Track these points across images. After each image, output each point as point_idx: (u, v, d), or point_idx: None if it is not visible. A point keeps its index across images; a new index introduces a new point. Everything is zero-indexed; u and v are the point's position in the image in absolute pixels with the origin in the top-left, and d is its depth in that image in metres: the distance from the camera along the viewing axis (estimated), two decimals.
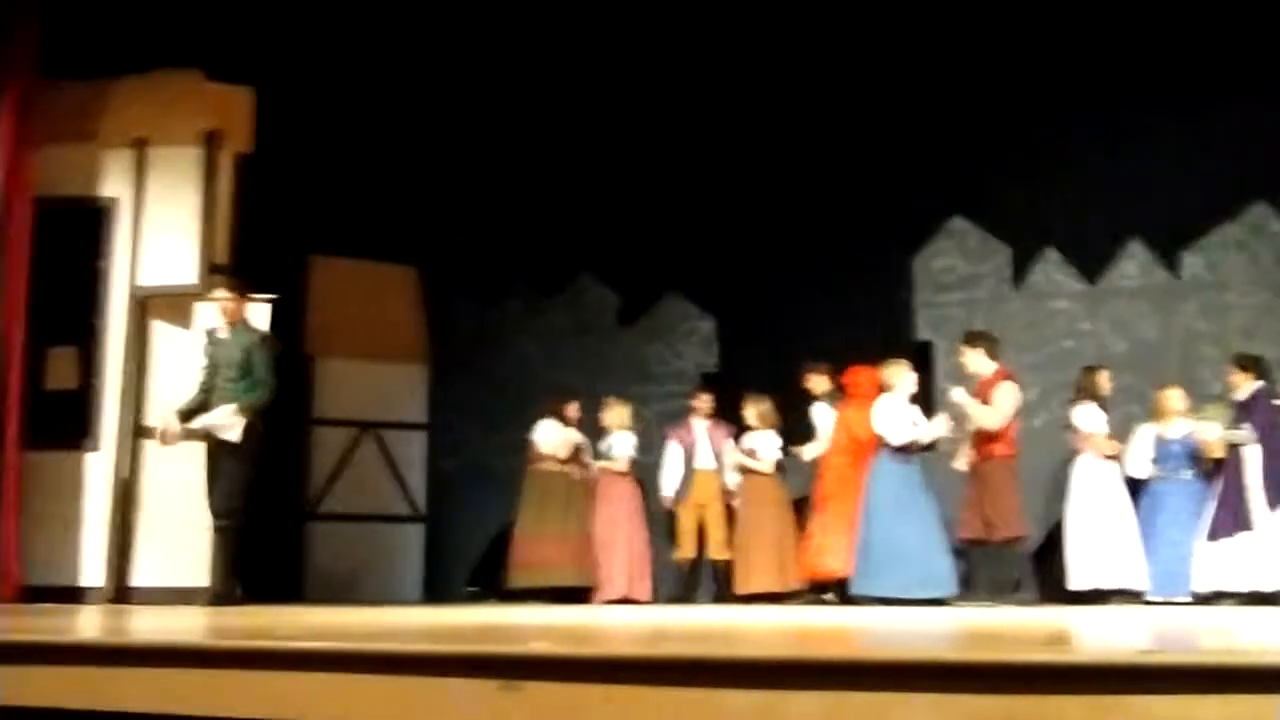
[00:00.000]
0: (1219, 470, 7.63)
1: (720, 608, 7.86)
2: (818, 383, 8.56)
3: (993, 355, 7.85)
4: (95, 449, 7.75)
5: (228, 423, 6.71)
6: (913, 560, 7.47)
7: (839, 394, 8.44)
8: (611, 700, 2.24)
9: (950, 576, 7.58)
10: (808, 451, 8.51)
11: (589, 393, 9.25)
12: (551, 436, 8.96)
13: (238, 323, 6.98)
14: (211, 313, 7.22)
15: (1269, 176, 8.56)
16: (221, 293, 7.02)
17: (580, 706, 2.27)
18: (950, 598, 7.52)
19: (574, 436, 9.01)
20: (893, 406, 7.77)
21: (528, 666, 2.34)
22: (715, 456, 8.92)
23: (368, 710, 2.45)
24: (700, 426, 9.01)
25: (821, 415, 8.46)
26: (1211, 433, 7.71)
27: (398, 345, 10.08)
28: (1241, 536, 7.34)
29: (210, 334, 7.04)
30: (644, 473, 9.17)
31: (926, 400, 8.47)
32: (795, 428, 8.69)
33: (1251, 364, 7.72)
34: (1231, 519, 7.38)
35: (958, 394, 7.76)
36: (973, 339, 7.95)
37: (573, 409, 9.04)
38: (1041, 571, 8.03)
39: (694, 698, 2.20)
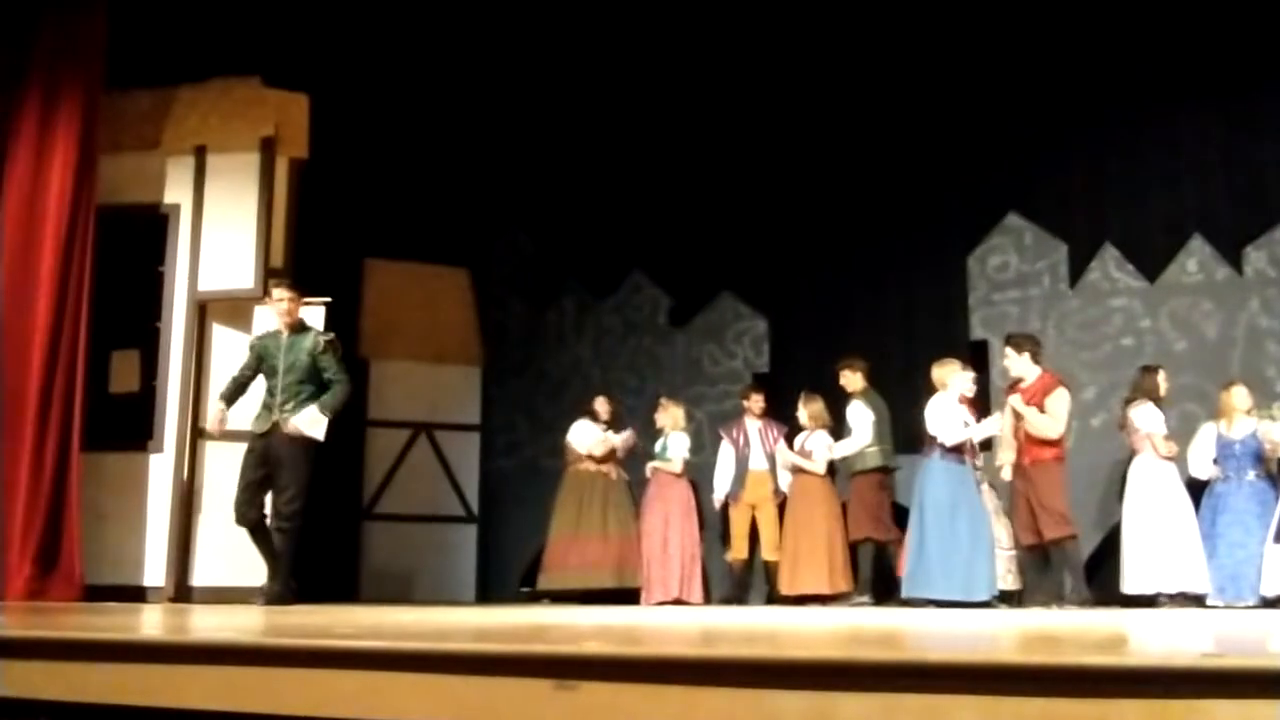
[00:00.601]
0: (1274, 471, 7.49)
1: (772, 609, 7.83)
2: (852, 379, 8.51)
3: (1036, 358, 7.74)
4: (158, 450, 7.88)
5: (314, 421, 6.77)
6: (964, 563, 7.39)
7: (873, 389, 8.37)
8: (663, 701, 2.24)
9: (995, 579, 7.51)
10: (838, 449, 8.45)
11: (641, 393, 9.27)
12: (585, 436, 8.99)
13: (296, 324, 7.00)
14: (269, 315, 7.30)
15: None
16: (281, 293, 7.02)
17: (633, 707, 2.27)
18: (1000, 601, 7.46)
19: (612, 438, 9.02)
20: (944, 406, 7.69)
21: (581, 666, 2.34)
22: (768, 457, 8.89)
23: (421, 709, 2.47)
24: (753, 426, 8.98)
25: (856, 412, 8.40)
26: (1277, 432, 7.54)
27: (452, 347, 10.15)
28: None
29: (269, 335, 7.05)
30: (695, 473, 9.17)
31: (984, 399, 8.40)
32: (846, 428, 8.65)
33: None
34: None
35: (1015, 400, 7.66)
36: (1015, 341, 7.85)
37: (602, 406, 9.07)
38: (1098, 574, 7.93)
39: (745, 699, 2.19)
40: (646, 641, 2.98)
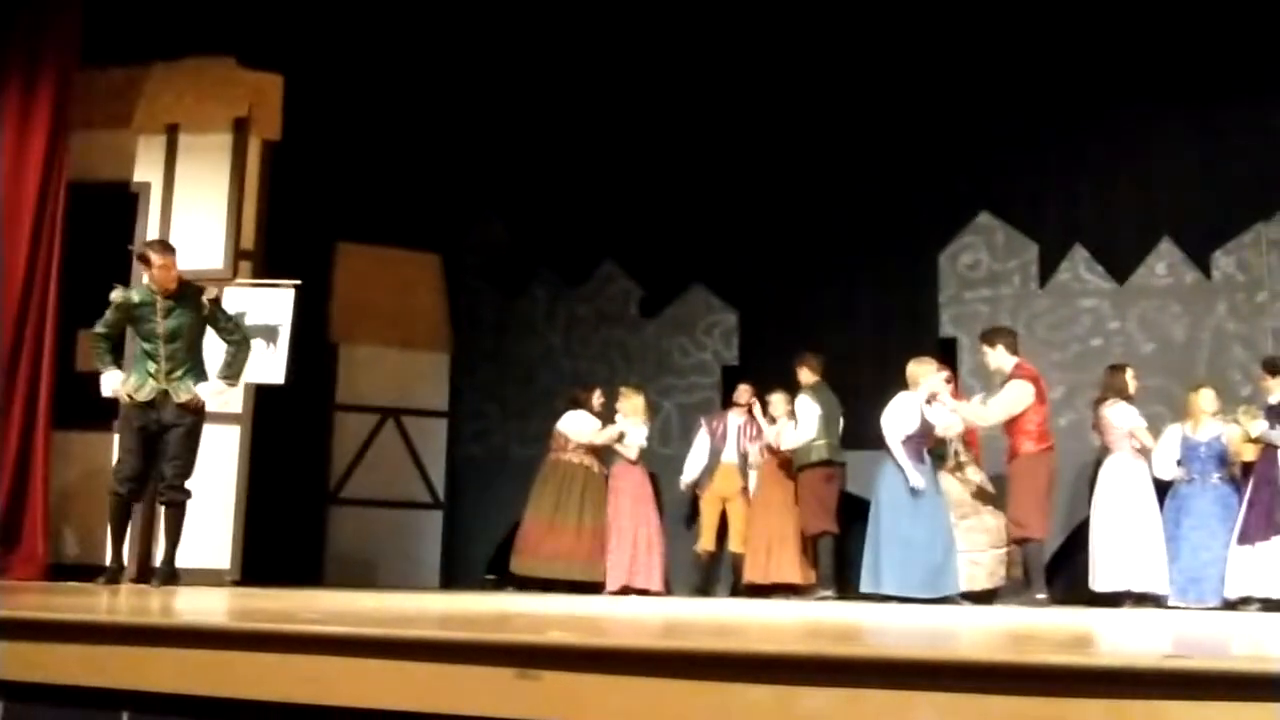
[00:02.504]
0: (1248, 473, 7.55)
1: (736, 601, 7.85)
2: (803, 373, 8.54)
3: (1012, 350, 7.75)
4: None
5: (220, 393, 6.56)
6: (920, 559, 7.42)
7: (825, 384, 8.42)
8: (625, 692, 2.24)
9: (957, 575, 7.54)
10: (785, 442, 8.47)
11: (610, 383, 9.28)
12: (583, 426, 8.97)
13: (175, 288, 6.52)
14: (237, 294, 7.22)
15: None
16: (158, 255, 6.46)
17: (595, 697, 2.27)
18: (959, 596, 7.51)
19: (615, 428, 9.00)
20: (903, 404, 7.66)
21: (545, 655, 2.34)
22: (743, 451, 8.92)
23: (383, 695, 2.46)
24: (734, 421, 9.01)
25: (803, 406, 8.42)
26: (1251, 430, 7.56)
27: (422, 333, 10.12)
28: (1273, 541, 7.26)
29: (140, 295, 6.55)
30: (661, 464, 9.19)
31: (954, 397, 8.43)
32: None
33: (1271, 367, 7.64)
34: (1263, 522, 7.30)
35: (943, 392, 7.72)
36: (990, 335, 7.88)
37: (596, 398, 9.07)
38: (1065, 572, 7.99)
39: (707, 691, 2.19)
40: (610, 632, 2.98)
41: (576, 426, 8.99)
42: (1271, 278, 8.62)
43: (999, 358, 7.71)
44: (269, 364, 7.49)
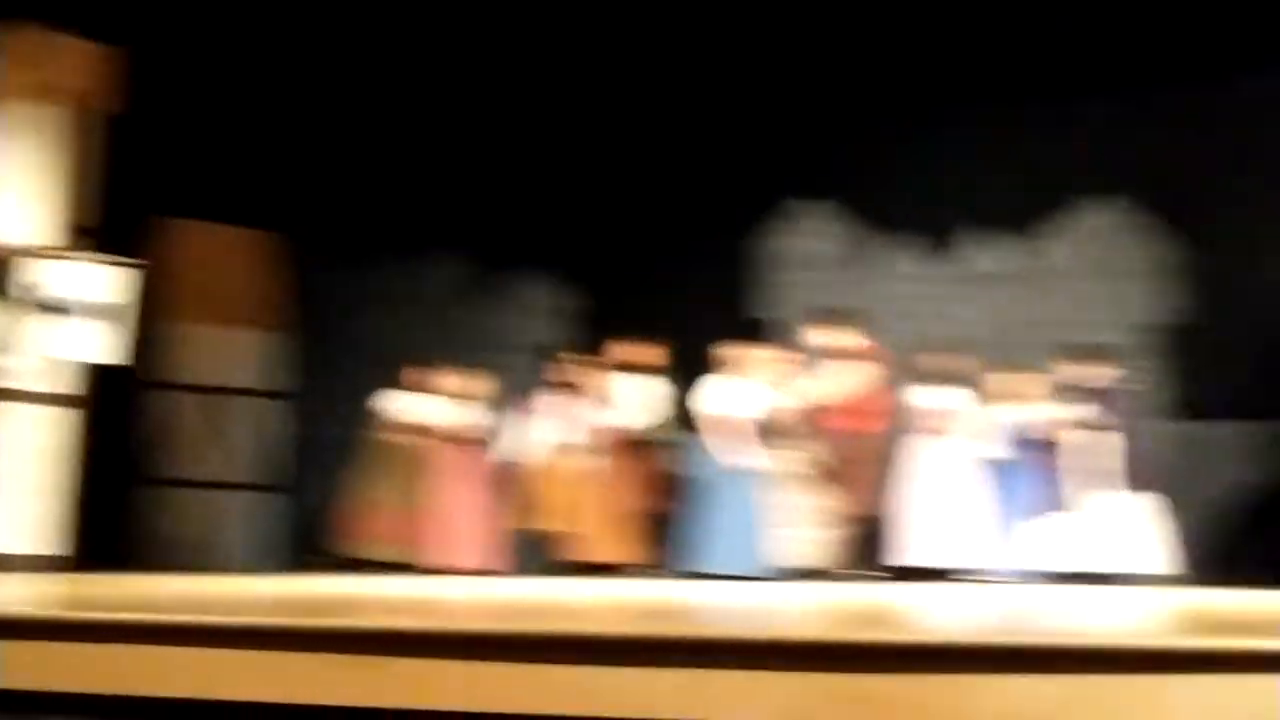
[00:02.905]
0: (1050, 453, 7.89)
1: (561, 580, 7.86)
2: (633, 354, 8.61)
3: (853, 332, 7.92)
4: None
5: None
6: (738, 537, 7.57)
7: (653, 366, 8.52)
8: (445, 675, 2.22)
9: (772, 554, 7.71)
10: (618, 419, 8.53)
11: (440, 362, 9.17)
12: (413, 406, 8.84)
13: None
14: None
15: (1121, 166, 8.88)
16: None
17: (432, 681, 2.24)
18: (786, 572, 7.68)
19: (446, 409, 8.89)
20: (720, 387, 7.79)
21: (374, 640, 2.30)
22: (568, 430, 8.92)
23: (216, 684, 2.39)
24: (556, 399, 9.00)
25: (633, 386, 8.49)
26: (1045, 415, 7.93)
27: (254, 311, 9.83)
28: (1069, 517, 7.62)
29: None
30: (491, 443, 9.13)
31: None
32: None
33: (1099, 352, 8.01)
34: (1074, 500, 7.66)
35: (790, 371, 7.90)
36: (831, 316, 8.03)
37: (428, 377, 8.95)
38: (889, 548, 8.21)
39: (525, 674, 2.19)
40: (439, 614, 2.95)
41: (406, 406, 8.87)
42: (1092, 266, 9.02)
43: (840, 338, 7.88)
44: (109, 343, 7.24)
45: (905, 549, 8.01)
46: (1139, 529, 7.58)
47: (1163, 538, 7.63)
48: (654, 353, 8.63)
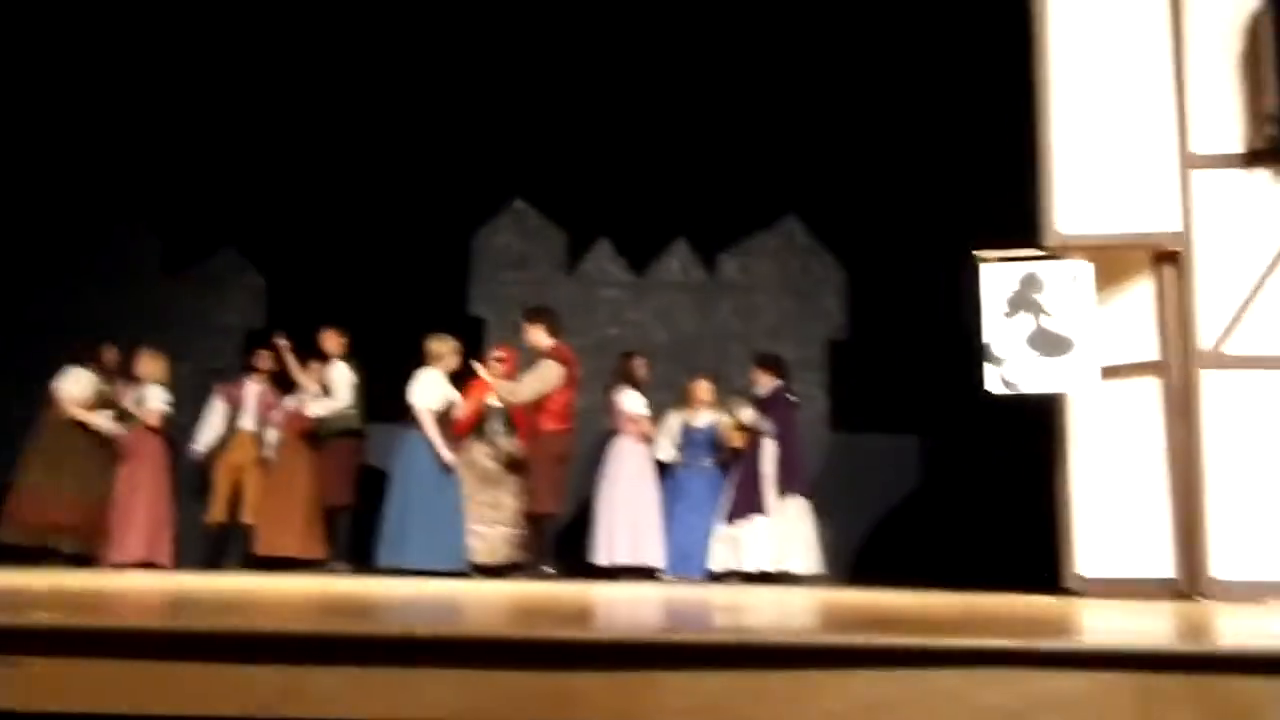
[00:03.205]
0: (737, 459, 8.27)
1: (247, 575, 7.59)
2: (332, 342, 8.46)
3: (553, 332, 8.02)
4: None
5: None
6: (444, 532, 7.57)
7: (353, 355, 8.41)
8: (121, 676, 2.10)
9: (466, 550, 7.77)
10: (315, 409, 8.36)
11: (132, 343, 8.63)
12: (81, 386, 8.24)
13: None
14: None
15: (802, 192, 9.40)
16: None
17: (88, 683, 2.11)
18: (472, 569, 7.72)
19: (130, 391, 8.35)
20: (430, 380, 7.79)
21: (28, 639, 2.14)
22: (261, 419, 8.62)
23: None
24: (254, 386, 8.66)
25: (338, 374, 8.36)
26: (742, 417, 8.28)
27: None
28: (754, 520, 8.01)
29: None
30: (176, 430, 8.68)
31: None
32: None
33: (772, 363, 8.45)
34: (746, 504, 8.04)
35: (480, 368, 7.95)
36: (533, 315, 8.11)
37: (112, 357, 8.40)
38: (573, 547, 8.38)
39: (215, 674, 2.10)
40: (106, 611, 2.78)
41: (71, 386, 8.25)
42: (768, 282, 9.53)
43: (538, 337, 7.96)
44: None
45: (592, 548, 8.19)
46: (798, 532, 8.04)
47: (818, 541, 8.13)
48: (341, 342, 8.46)
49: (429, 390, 7.76)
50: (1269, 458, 5.93)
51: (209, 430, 8.62)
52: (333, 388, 8.33)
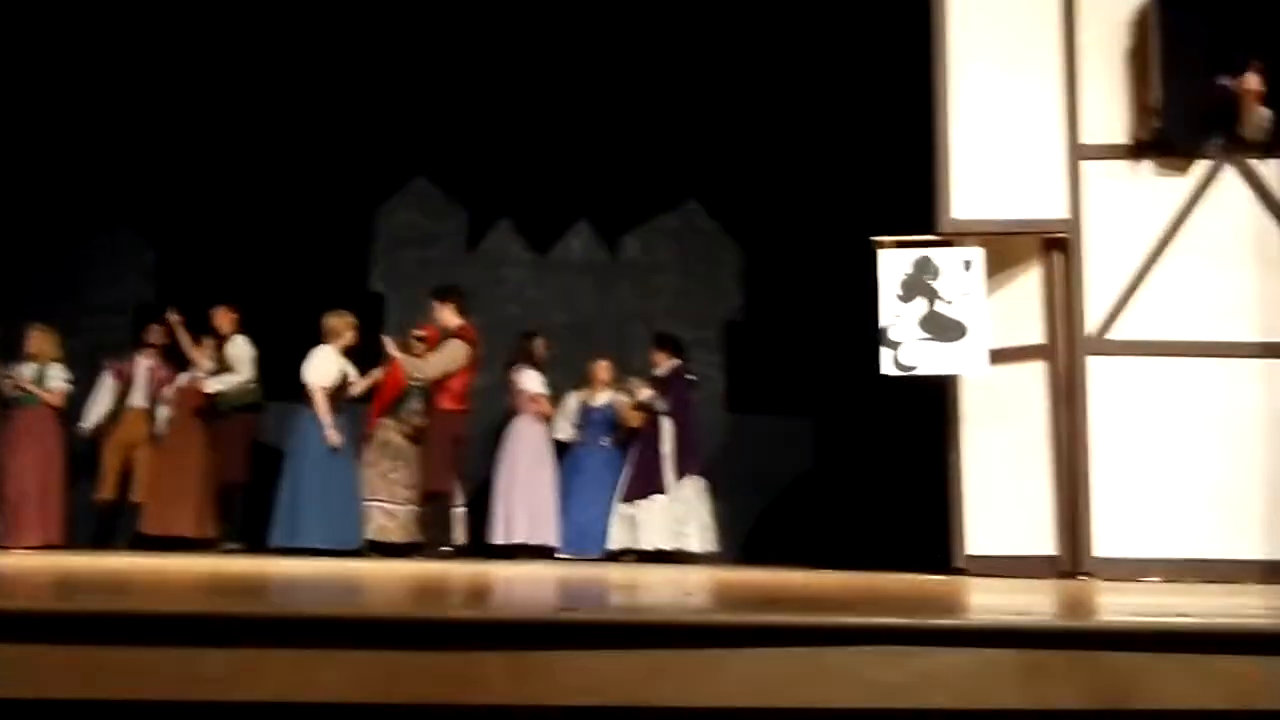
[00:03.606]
0: (635, 439, 8.31)
1: (139, 555, 7.43)
2: (225, 319, 8.31)
3: (462, 312, 7.96)
4: None
5: None
6: (339, 510, 7.50)
7: (247, 332, 8.27)
8: (12, 660, 2.05)
9: (361, 529, 7.71)
10: (215, 384, 8.19)
11: (24, 322, 8.35)
12: None
13: None
14: None
15: (704, 175, 9.44)
16: None
17: None
18: (370, 548, 7.66)
19: (24, 370, 8.08)
20: (324, 357, 7.69)
21: None
22: (153, 395, 8.42)
23: None
24: (144, 362, 8.46)
25: (237, 349, 8.21)
26: (618, 400, 8.32)
27: None
28: (652, 500, 8.06)
29: None
30: (66, 407, 8.44)
31: (377, 352, 8.56)
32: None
33: (670, 343, 8.49)
34: (645, 483, 8.09)
35: (389, 342, 7.89)
36: (442, 293, 8.03)
37: (15, 337, 8.13)
38: (471, 526, 8.35)
39: (104, 656, 2.06)
40: None
41: None
42: (668, 263, 9.56)
43: (447, 316, 7.89)
44: None
45: (490, 527, 8.17)
46: (695, 511, 8.11)
47: (714, 520, 8.22)
48: (233, 319, 8.31)
49: (323, 367, 7.66)
50: (1150, 440, 6.14)
51: (98, 407, 8.41)
52: (233, 362, 8.16)
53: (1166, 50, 6.09)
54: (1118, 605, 3.44)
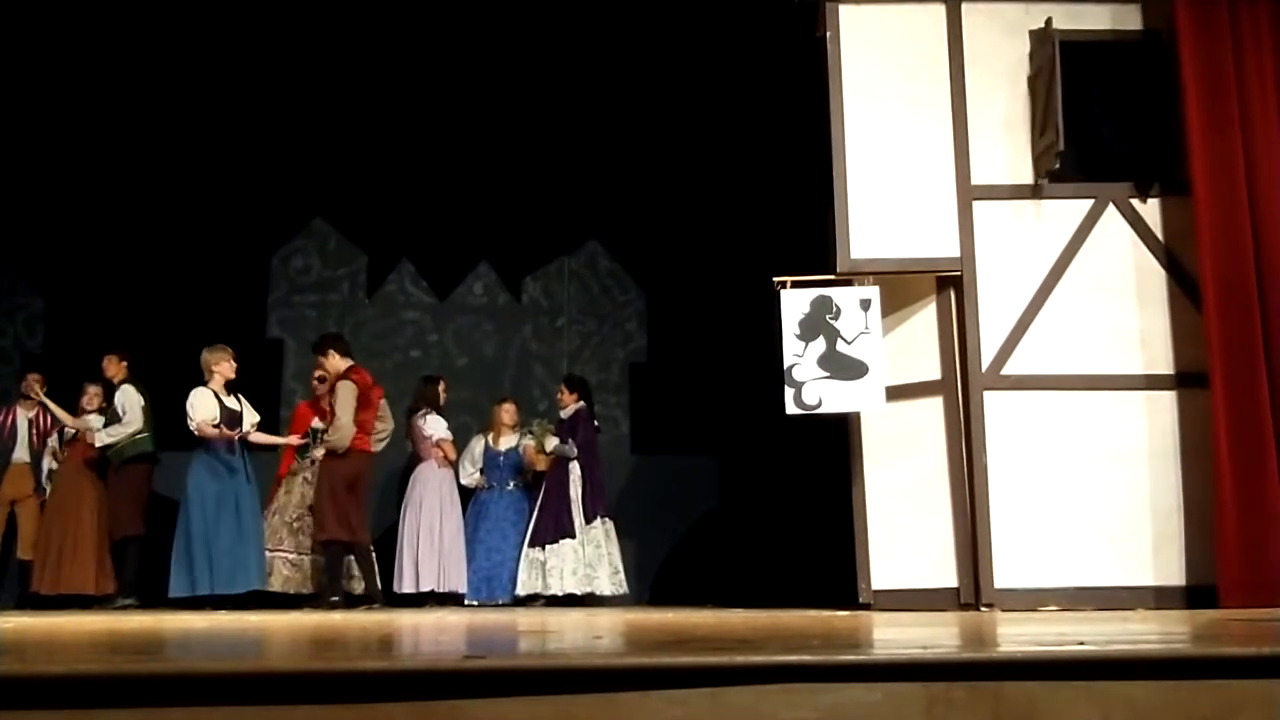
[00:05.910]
0: (541, 482, 8.27)
1: (25, 614, 7.17)
2: (116, 367, 8.12)
3: (344, 354, 7.78)
4: None
5: None
6: (229, 557, 7.29)
7: (135, 379, 8.08)
8: None
9: (262, 572, 7.53)
10: (106, 436, 7.96)
11: None
12: None
13: None
14: None
15: (605, 217, 9.49)
16: None
17: None
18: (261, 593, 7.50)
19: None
20: (205, 395, 7.50)
21: None
22: (36, 448, 8.15)
23: None
24: (24, 415, 8.20)
25: (127, 397, 7.99)
26: (545, 445, 8.27)
27: None
28: (560, 543, 8.01)
29: None
30: None
31: (276, 398, 8.42)
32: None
33: (577, 384, 8.49)
34: (553, 527, 8.04)
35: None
36: (320, 344, 7.87)
37: None
38: (375, 573, 8.21)
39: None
40: None
41: None
42: (570, 305, 9.57)
43: (332, 363, 7.74)
44: None
45: (397, 575, 8.05)
46: (604, 554, 8.09)
47: (622, 562, 8.20)
48: (123, 366, 8.11)
49: (202, 403, 7.46)
50: (1046, 472, 6.29)
51: None
52: (123, 411, 7.92)
53: (1066, 96, 6.29)
54: (1018, 635, 3.50)
